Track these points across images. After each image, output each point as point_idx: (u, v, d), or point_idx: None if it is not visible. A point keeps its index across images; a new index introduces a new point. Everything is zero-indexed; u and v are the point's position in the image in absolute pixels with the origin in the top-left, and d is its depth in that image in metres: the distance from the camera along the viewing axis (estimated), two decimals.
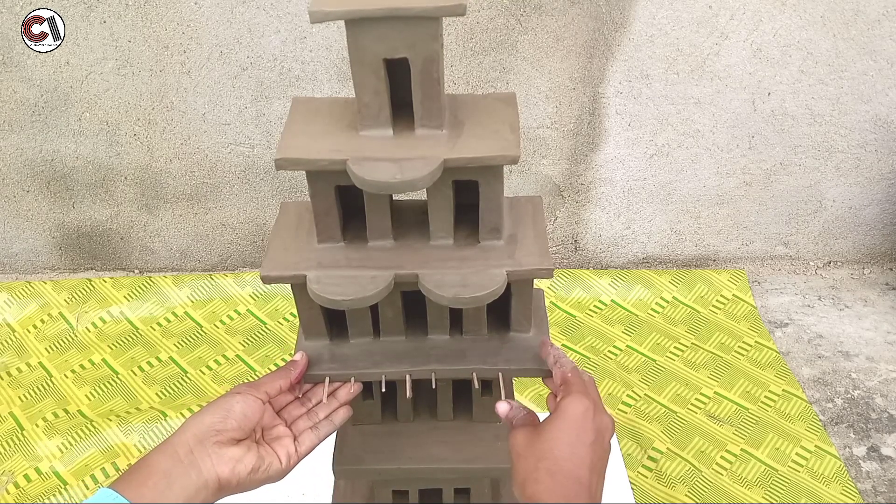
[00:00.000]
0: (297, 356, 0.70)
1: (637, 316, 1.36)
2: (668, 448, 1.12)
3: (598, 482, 0.60)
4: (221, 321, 1.35)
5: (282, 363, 1.26)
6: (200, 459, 0.60)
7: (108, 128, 1.28)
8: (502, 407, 0.67)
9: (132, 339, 1.32)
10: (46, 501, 1.05)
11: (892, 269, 1.49)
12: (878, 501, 1.06)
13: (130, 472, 0.59)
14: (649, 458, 1.10)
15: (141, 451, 1.11)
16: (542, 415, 0.67)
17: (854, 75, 1.24)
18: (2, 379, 1.24)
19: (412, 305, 0.70)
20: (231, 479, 0.61)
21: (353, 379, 0.71)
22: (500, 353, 0.71)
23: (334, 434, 0.77)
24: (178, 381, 1.24)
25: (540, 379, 0.72)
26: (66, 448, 1.11)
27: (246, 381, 1.23)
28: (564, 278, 1.41)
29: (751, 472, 1.09)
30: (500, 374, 0.70)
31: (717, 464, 1.10)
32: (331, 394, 0.71)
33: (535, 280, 0.67)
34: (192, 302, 1.38)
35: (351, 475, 0.78)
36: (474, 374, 0.70)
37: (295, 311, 0.89)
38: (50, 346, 1.30)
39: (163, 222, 1.41)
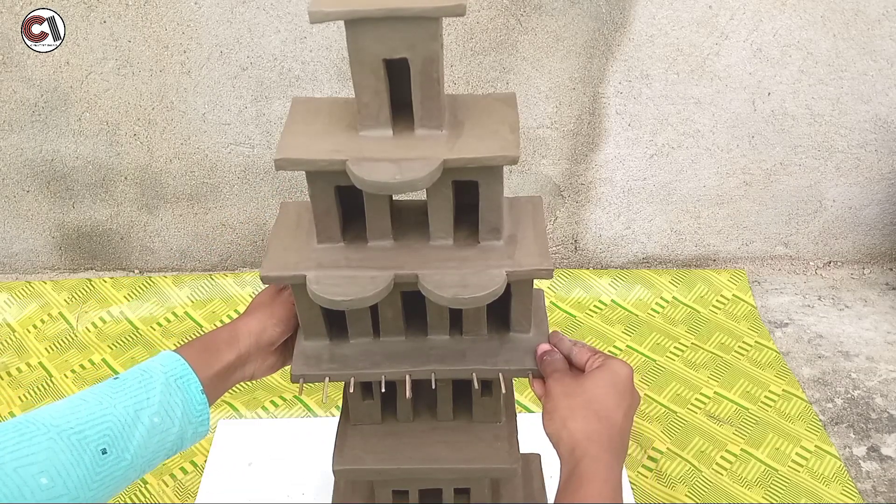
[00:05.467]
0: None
1: (637, 316, 1.36)
2: (668, 448, 1.12)
3: (628, 441, 0.66)
4: (221, 321, 1.35)
5: None
6: (251, 360, 0.70)
7: (108, 128, 1.28)
8: (543, 346, 0.71)
9: (132, 339, 1.32)
10: None
11: (892, 269, 1.49)
12: (878, 501, 1.06)
13: (192, 343, 0.68)
14: (649, 458, 1.10)
15: None
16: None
17: (854, 75, 1.24)
18: (2, 379, 1.24)
19: (412, 305, 0.70)
20: (254, 376, 0.72)
21: (352, 379, 0.71)
22: (499, 353, 0.71)
23: (334, 434, 0.78)
24: None
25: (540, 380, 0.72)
26: None
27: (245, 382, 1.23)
28: (564, 278, 1.41)
29: (751, 472, 1.09)
30: (500, 374, 0.70)
31: (717, 464, 1.10)
32: None
33: (534, 280, 0.67)
34: (192, 302, 1.38)
35: (351, 475, 0.78)
36: (474, 374, 0.70)
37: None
38: (50, 346, 1.30)
39: (163, 222, 1.41)
